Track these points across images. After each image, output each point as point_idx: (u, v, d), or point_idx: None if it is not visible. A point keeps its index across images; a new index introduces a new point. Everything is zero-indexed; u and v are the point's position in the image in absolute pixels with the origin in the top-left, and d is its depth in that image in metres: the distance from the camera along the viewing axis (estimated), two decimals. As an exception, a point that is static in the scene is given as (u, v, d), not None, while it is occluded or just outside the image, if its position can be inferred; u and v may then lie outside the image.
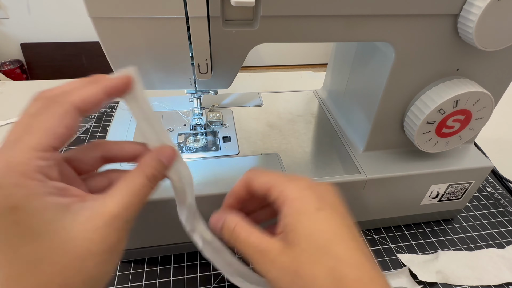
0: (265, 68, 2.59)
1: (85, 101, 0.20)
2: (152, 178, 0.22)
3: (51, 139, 0.18)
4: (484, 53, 0.33)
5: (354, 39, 0.30)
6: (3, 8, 1.82)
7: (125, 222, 0.20)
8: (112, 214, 0.19)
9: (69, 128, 0.19)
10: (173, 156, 0.24)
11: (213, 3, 0.25)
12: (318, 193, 0.24)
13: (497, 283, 0.38)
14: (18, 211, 0.17)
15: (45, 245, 0.18)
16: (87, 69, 1.99)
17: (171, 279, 0.37)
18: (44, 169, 0.18)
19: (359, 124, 0.41)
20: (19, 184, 0.17)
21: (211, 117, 0.44)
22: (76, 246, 0.18)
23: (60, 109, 0.19)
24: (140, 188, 0.21)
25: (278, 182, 0.24)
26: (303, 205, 0.23)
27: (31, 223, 0.17)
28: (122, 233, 0.20)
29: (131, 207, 0.20)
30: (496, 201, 0.49)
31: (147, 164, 0.22)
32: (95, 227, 0.19)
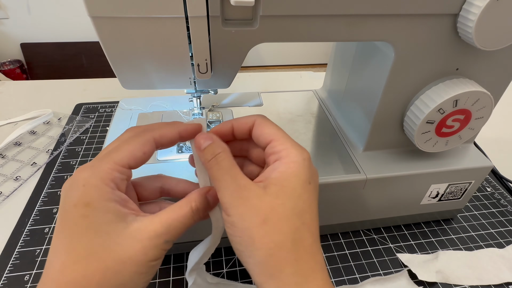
0: (265, 68, 2.59)
1: (162, 137, 0.26)
2: (196, 211, 0.24)
3: (130, 159, 0.24)
4: (484, 53, 0.33)
5: (354, 39, 0.30)
6: (3, 8, 1.82)
7: (164, 242, 0.22)
8: (156, 231, 0.22)
9: (146, 154, 0.25)
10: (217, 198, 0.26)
11: (212, 2, 0.25)
12: (311, 170, 0.25)
13: (497, 283, 0.38)
14: (89, 207, 0.21)
15: (99, 241, 0.21)
16: (87, 69, 1.99)
17: (171, 279, 0.37)
18: (117, 180, 0.23)
19: (358, 124, 0.41)
20: (97, 187, 0.22)
21: (211, 117, 0.44)
22: (122, 250, 0.21)
23: (143, 140, 0.25)
24: (183, 216, 0.24)
25: (283, 139, 0.25)
26: (299, 171, 0.24)
27: (95, 220, 0.21)
28: (160, 252, 0.22)
29: (172, 230, 0.23)
30: (496, 201, 0.49)
31: (194, 198, 0.25)
32: (140, 238, 0.22)
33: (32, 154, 0.53)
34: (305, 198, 0.23)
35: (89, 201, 0.21)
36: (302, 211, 0.23)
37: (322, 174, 0.37)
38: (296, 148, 0.25)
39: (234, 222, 0.22)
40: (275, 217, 0.22)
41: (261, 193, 0.23)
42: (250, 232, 0.22)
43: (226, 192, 0.23)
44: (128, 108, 0.46)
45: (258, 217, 0.22)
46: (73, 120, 0.61)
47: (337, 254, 0.41)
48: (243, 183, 0.23)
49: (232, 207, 0.23)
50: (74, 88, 0.73)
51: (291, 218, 0.22)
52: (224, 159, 0.24)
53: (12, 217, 0.43)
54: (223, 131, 0.28)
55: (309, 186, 0.24)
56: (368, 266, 0.40)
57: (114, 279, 0.20)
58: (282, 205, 0.22)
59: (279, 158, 0.24)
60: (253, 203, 0.22)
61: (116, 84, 0.68)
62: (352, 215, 0.42)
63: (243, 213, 0.22)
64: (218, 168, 0.24)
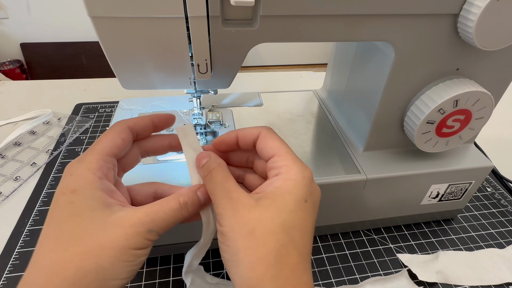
0: (265, 68, 2.59)
1: (136, 124, 0.27)
2: (184, 205, 0.25)
3: (112, 147, 0.25)
4: (484, 53, 0.33)
5: (354, 39, 0.30)
6: (3, 8, 1.82)
7: (147, 231, 0.23)
8: (139, 219, 0.23)
9: (125, 140, 0.26)
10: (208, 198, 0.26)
11: (212, 2, 0.25)
12: (311, 189, 0.25)
13: (497, 283, 0.38)
14: (75, 194, 0.22)
15: (81, 226, 0.21)
16: (87, 69, 1.99)
17: (171, 279, 0.37)
18: (104, 169, 0.24)
19: (359, 124, 0.41)
20: (83, 175, 0.23)
21: (211, 117, 0.44)
22: (103, 235, 0.21)
23: (118, 128, 0.26)
24: (170, 208, 0.24)
25: (286, 155, 0.25)
26: (295, 189, 0.24)
27: (80, 206, 0.22)
28: (143, 241, 0.22)
29: (158, 221, 0.23)
30: (496, 201, 0.49)
31: (183, 193, 0.26)
32: (122, 225, 0.22)
33: (32, 154, 0.53)
34: (297, 215, 0.23)
35: (75, 188, 0.22)
36: (291, 228, 0.22)
37: (322, 174, 0.37)
38: (298, 165, 0.25)
39: (224, 231, 0.23)
40: (261, 230, 0.22)
41: (252, 205, 0.23)
42: (236, 243, 0.22)
43: (219, 205, 0.24)
44: (128, 108, 0.46)
45: (245, 229, 0.22)
46: (73, 120, 0.61)
47: (337, 254, 0.41)
48: (235, 196, 0.23)
49: (224, 218, 0.23)
50: (74, 88, 0.73)
51: (278, 233, 0.22)
52: (218, 174, 0.25)
53: (12, 217, 0.43)
54: (227, 141, 0.28)
55: (304, 204, 0.23)
56: (368, 266, 0.40)
57: (93, 262, 0.21)
58: (270, 218, 0.22)
59: (278, 173, 0.25)
60: (243, 214, 0.23)
61: (116, 84, 0.68)
62: (352, 215, 0.42)
63: (233, 224, 0.23)
64: (213, 182, 0.25)
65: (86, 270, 0.20)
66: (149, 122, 0.28)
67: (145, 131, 0.28)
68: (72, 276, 0.20)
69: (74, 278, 0.20)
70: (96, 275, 0.21)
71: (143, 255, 0.23)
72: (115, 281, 0.21)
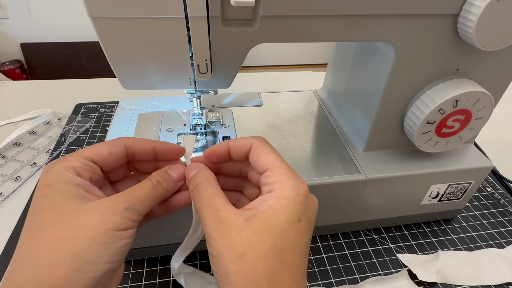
0: (265, 68, 2.59)
1: (135, 144, 0.27)
2: (157, 183, 0.25)
3: (94, 154, 0.25)
4: (484, 53, 0.33)
5: (354, 39, 0.30)
6: (3, 8, 1.82)
7: (124, 210, 0.22)
8: (113, 200, 0.23)
9: (112, 154, 0.26)
10: (183, 174, 0.27)
11: (212, 3, 0.25)
12: (306, 205, 0.24)
13: (497, 283, 0.38)
14: (49, 187, 0.22)
15: (54, 214, 0.21)
16: (87, 69, 1.99)
17: (171, 279, 0.37)
18: (79, 169, 0.24)
19: (359, 124, 0.41)
20: (58, 171, 0.23)
21: (211, 117, 0.44)
22: (77, 220, 0.21)
23: (114, 142, 0.26)
24: (143, 186, 0.25)
25: (279, 169, 0.24)
26: (287, 208, 0.23)
27: (53, 197, 0.22)
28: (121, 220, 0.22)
29: (133, 198, 0.23)
30: (496, 201, 0.49)
31: (154, 174, 0.26)
32: (97, 208, 0.22)
33: (32, 154, 0.53)
34: (290, 236, 0.22)
35: (49, 182, 0.23)
36: (283, 250, 0.22)
37: (322, 174, 0.37)
38: (291, 181, 0.24)
39: (213, 254, 0.22)
40: (252, 254, 0.21)
41: (241, 226, 0.22)
42: (225, 266, 0.21)
43: (206, 224, 0.23)
44: (128, 108, 0.46)
45: (234, 252, 0.21)
46: (73, 120, 0.61)
47: (337, 254, 0.41)
48: (223, 215, 0.22)
49: (212, 240, 0.22)
50: (74, 88, 0.73)
51: (269, 257, 0.21)
52: (205, 189, 0.24)
53: (12, 217, 0.43)
54: (218, 152, 0.28)
55: (297, 224, 0.23)
56: (368, 266, 0.40)
57: (68, 247, 0.20)
58: (261, 241, 0.21)
59: (271, 190, 0.24)
60: (232, 236, 0.22)
61: (116, 84, 0.67)
62: (352, 215, 0.42)
63: (221, 246, 0.22)
64: (200, 199, 0.24)
65: (61, 255, 0.20)
66: (150, 147, 0.27)
67: (144, 155, 0.27)
68: (48, 262, 0.20)
69: (51, 264, 0.20)
70: (72, 260, 0.20)
71: (125, 237, 0.22)
72: (95, 265, 0.21)
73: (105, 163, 0.25)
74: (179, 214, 0.35)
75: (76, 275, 0.20)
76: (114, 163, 0.26)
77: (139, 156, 0.27)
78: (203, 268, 0.38)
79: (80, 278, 0.20)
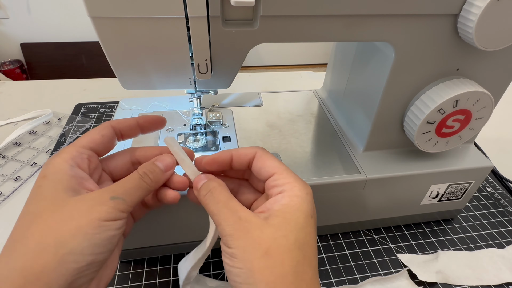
0: (265, 68, 2.59)
1: (119, 122, 0.28)
2: (143, 174, 0.26)
3: (89, 141, 0.26)
4: (484, 53, 0.33)
5: (354, 39, 0.30)
6: (3, 8, 1.82)
7: (110, 199, 0.23)
8: (99, 192, 0.23)
9: (104, 136, 0.27)
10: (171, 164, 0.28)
11: (212, 3, 0.25)
12: (313, 205, 0.26)
13: (497, 283, 0.38)
14: (44, 179, 0.23)
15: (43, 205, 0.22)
16: (87, 69, 1.99)
17: (171, 279, 0.37)
18: (77, 158, 0.25)
19: (359, 124, 0.41)
20: (56, 163, 0.24)
21: (211, 117, 0.44)
22: (64, 211, 0.22)
23: (101, 126, 0.28)
24: (131, 178, 0.25)
25: (286, 173, 0.26)
26: (302, 206, 0.24)
27: (46, 188, 0.23)
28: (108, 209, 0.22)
29: (119, 189, 0.24)
30: (496, 201, 0.49)
31: (142, 165, 0.27)
32: (84, 199, 0.23)
33: (32, 154, 0.53)
34: (307, 231, 0.23)
35: (46, 174, 0.23)
36: (303, 244, 0.23)
37: (322, 174, 0.37)
38: (299, 182, 0.25)
39: (234, 253, 0.22)
40: (278, 250, 0.22)
41: (263, 224, 0.23)
42: (250, 265, 0.22)
43: (226, 225, 0.23)
44: (128, 108, 0.46)
45: (259, 249, 0.22)
46: (73, 120, 0.61)
47: (337, 254, 0.41)
48: (244, 215, 0.23)
49: (234, 239, 0.22)
50: (74, 88, 0.73)
51: (293, 251, 0.22)
52: (220, 193, 0.25)
53: (12, 217, 0.43)
54: (220, 160, 0.28)
55: (311, 220, 0.24)
56: (368, 266, 0.40)
57: (52, 236, 0.20)
58: (285, 237, 0.22)
59: (282, 191, 0.25)
60: (255, 234, 0.22)
61: (116, 84, 0.68)
62: (352, 215, 0.42)
63: (245, 245, 0.22)
64: (215, 202, 0.25)
65: (45, 244, 0.20)
66: (134, 122, 0.29)
67: (130, 131, 0.29)
68: (32, 251, 0.20)
69: (34, 252, 0.20)
70: (55, 249, 0.20)
71: (111, 228, 0.22)
72: (77, 256, 0.20)
73: (101, 147, 0.27)
74: (179, 214, 0.35)
75: (57, 265, 0.20)
76: (107, 144, 0.27)
77: (127, 133, 0.29)
78: (201, 268, 0.38)
79: (61, 268, 0.20)
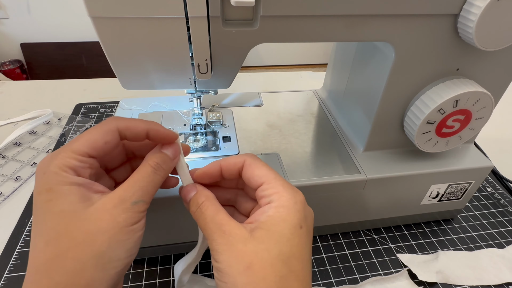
0: (265, 68, 2.59)
1: (127, 128, 0.25)
2: (156, 166, 0.25)
3: (89, 148, 0.23)
4: (484, 53, 0.33)
5: (354, 39, 0.30)
6: (3, 8, 1.82)
7: (132, 205, 0.22)
8: (120, 197, 0.22)
9: (108, 143, 0.24)
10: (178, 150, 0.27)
11: (213, 3, 0.25)
12: (305, 212, 0.24)
13: (497, 283, 0.38)
14: (51, 192, 0.22)
15: (65, 221, 0.21)
16: (87, 69, 1.99)
17: (171, 279, 0.37)
18: (77, 168, 0.23)
19: (359, 124, 0.41)
20: (56, 173, 0.22)
21: (211, 117, 0.44)
22: (89, 224, 0.21)
23: (106, 128, 0.24)
24: (144, 174, 0.24)
25: (275, 182, 0.25)
26: (288, 217, 0.23)
27: (58, 202, 0.21)
28: (132, 214, 0.22)
29: (138, 191, 0.23)
30: (496, 201, 0.49)
31: (150, 157, 0.26)
32: (105, 209, 0.22)
33: (32, 154, 0.53)
34: (294, 243, 0.22)
35: (50, 186, 0.22)
36: (289, 258, 0.22)
37: (322, 174, 0.37)
38: (288, 191, 0.24)
39: (220, 268, 0.22)
40: (259, 264, 0.21)
41: (247, 237, 0.22)
42: (234, 279, 0.21)
43: (212, 240, 0.23)
44: (128, 108, 0.46)
45: (242, 263, 0.21)
46: (73, 120, 0.61)
47: (337, 254, 0.41)
48: (228, 229, 0.23)
49: (219, 254, 0.22)
50: (74, 88, 0.73)
51: (276, 265, 0.21)
52: (207, 208, 0.25)
53: (12, 217, 0.43)
54: (210, 172, 0.28)
55: (300, 231, 0.23)
56: (368, 266, 0.40)
57: (89, 251, 0.21)
58: (267, 250, 0.22)
59: (269, 201, 0.24)
60: (238, 248, 0.22)
61: (116, 84, 0.68)
62: (352, 215, 0.42)
63: (229, 259, 0.22)
64: (203, 218, 0.24)
65: (84, 260, 0.20)
66: (143, 132, 0.26)
67: (136, 139, 0.27)
68: (72, 268, 0.20)
69: (74, 270, 0.20)
70: (96, 262, 0.21)
71: (138, 230, 0.23)
72: (117, 262, 0.21)
73: (102, 153, 0.24)
74: (180, 214, 0.35)
75: (100, 274, 0.21)
76: (110, 151, 0.25)
77: (132, 139, 0.26)
78: (202, 268, 0.38)
79: (104, 276, 0.21)
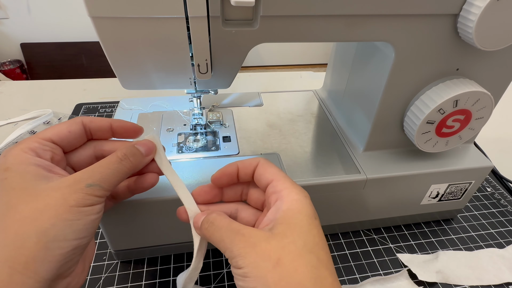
0: (265, 68, 2.59)
1: (92, 121, 0.27)
2: (123, 157, 0.25)
3: (53, 134, 0.25)
4: (484, 53, 0.33)
5: (354, 39, 0.30)
6: (3, 8, 1.82)
7: (86, 186, 0.22)
8: (75, 178, 0.23)
9: (71, 132, 0.26)
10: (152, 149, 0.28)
11: (213, 3, 0.25)
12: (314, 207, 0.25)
13: (497, 283, 0.38)
14: (8, 171, 0.22)
15: (16, 196, 0.21)
16: (87, 69, 1.99)
17: (171, 279, 0.37)
18: (38, 150, 0.24)
19: (359, 124, 0.41)
20: (16, 155, 0.23)
21: (211, 117, 0.44)
22: (38, 201, 0.21)
23: (71, 121, 0.26)
24: (108, 162, 0.24)
25: (284, 179, 0.26)
26: (303, 208, 0.24)
27: (13, 180, 0.22)
28: (85, 196, 0.22)
29: (96, 175, 0.23)
30: (496, 201, 0.49)
31: (120, 148, 0.26)
32: (58, 187, 0.22)
33: (32, 154, 0.53)
34: (315, 233, 0.23)
35: (8, 166, 0.22)
36: (313, 247, 0.22)
37: (322, 174, 0.37)
38: (297, 187, 0.25)
39: (246, 272, 0.21)
40: (288, 257, 0.21)
41: (268, 235, 0.22)
42: (264, 280, 0.20)
43: (232, 246, 0.22)
44: (128, 108, 0.46)
45: (270, 261, 0.21)
46: (73, 120, 0.61)
47: (337, 254, 0.41)
48: (247, 232, 0.23)
49: (242, 258, 0.21)
50: (74, 88, 0.73)
51: (305, 256, 0.21)
52: (221, 220, 0.25)
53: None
54: (228, 172, 0.28)
55: (316, 222, 0.23)
56: (368, 266, 0.40)
57: (32, 226, 0.20)
58: (293, 243, 0.22)
59: (280, 197, 0.25)
60: (262, 247, 0.21)
61: (116, 84, 0.68)
62: (352, 215, 0.42)
63: (254, 260, 0.21)
64: (218, 229, 0.24)
65: (25, 235, 0.20)
66: (106, 124, 0.28)
67: (101, 132, 0.28)
68: (12, 242, 0.20)
69: (15, 244, 0.20)
70: (38, 239, 0.20)
71: (91, 213, 0.22)
72: (61, 242, 0.21)
73: (66, 142, 0.26)
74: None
75: (42, 253, 0.20)
76: (74, 141, 0.26)
77: (97, 134, 0.28)
78: (202, 268, 0.38)
79: (47, 255, 0.20)
